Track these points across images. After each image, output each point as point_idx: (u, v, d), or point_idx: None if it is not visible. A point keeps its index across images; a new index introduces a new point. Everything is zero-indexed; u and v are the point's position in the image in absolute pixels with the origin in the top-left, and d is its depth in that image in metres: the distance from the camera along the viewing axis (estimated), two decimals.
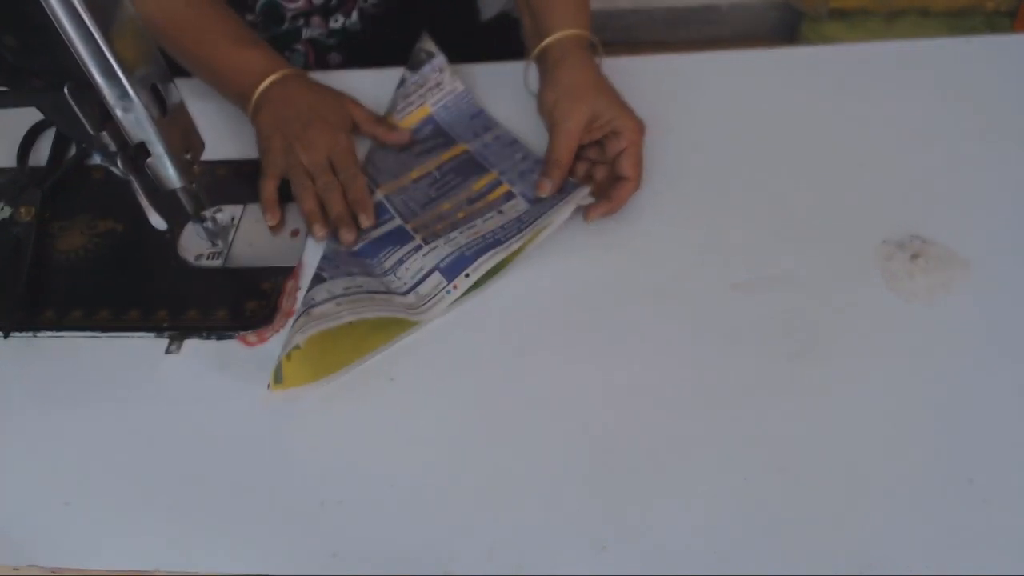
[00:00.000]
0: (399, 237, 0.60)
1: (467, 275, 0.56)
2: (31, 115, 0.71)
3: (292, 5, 0.76)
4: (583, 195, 0.59)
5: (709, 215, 0.59)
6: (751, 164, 0.62)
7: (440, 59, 0.69)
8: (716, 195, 0.61)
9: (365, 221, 0.60)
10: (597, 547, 0.45)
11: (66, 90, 0.46)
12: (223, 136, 0.69)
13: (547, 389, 0.52)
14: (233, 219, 0.63)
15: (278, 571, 0.47)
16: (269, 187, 0.63)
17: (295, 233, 0.62)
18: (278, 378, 0.52)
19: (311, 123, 0.63)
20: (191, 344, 0.57)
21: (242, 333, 0.57)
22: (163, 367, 0.56)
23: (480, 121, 0.68)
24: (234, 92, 0.67)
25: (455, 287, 0.56)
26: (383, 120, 0.68)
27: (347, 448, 0.51)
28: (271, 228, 0.63)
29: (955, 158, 0.61)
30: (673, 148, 0.64)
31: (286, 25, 0.78)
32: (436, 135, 0.68)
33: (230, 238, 0.62)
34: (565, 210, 0.58)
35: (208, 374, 0.55)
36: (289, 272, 0.60)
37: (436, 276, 0.57)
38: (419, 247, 0.59)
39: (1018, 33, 1.47)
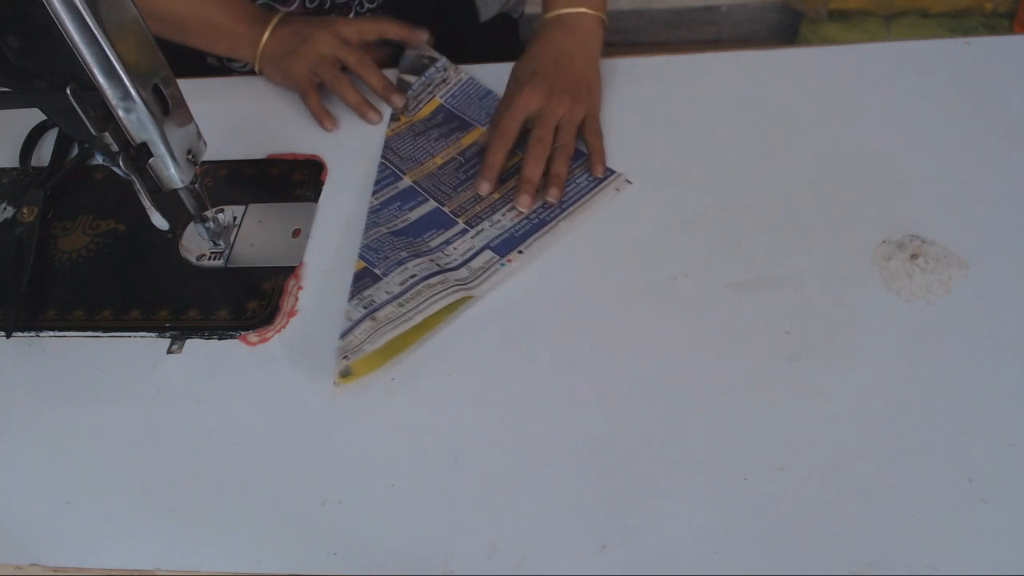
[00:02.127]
0: (440, 219, 0.61)
1: (520, 251, 0.58)
2: (34, 116, 0.72)
3: (287, 10, 0.76)
4: (619, 180, 0.62)
5: (709, 215, 0.60)
6: (750, 164, 0.62)
7: (443, 61, 0.71)
8: (715, 195, 0.61)
9: (398, 101, 0.68)
10: (597, 546, 0.46)
11: (68, 91, 0.46)
12: (225, 136, 0.69)
13: (547, 389, 0.52)
14: (235, 219, 0.63)
15: (278, 571, 0.47)
16: (313, 99, 0.68)
17: (296, 233, 0.62)
18: (345, 374, 0.53)
19: (319, 26, 0.69)
20: (192, 344, 0.57)
21: (243, 333, 0.57)
22: (164, 367, 0.56)
23: (490, 101, 0.70)
24: (228, 36, 0.70)
25: (509, 261, 0.58)
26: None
27: (347, 448, 0.51)
28: (328, 129, 0.68)
29: (954, 158, 0.61)
30: (673, 148, 0.64)
31: None
32: (449, 120, 0.69)
33: (231, 238, 0.62)
34: (604, 196, 0.61)
35: (209, 374, 0.55)
36: (290, 272, 0.60)
37: (487, 253, 0.59)
38: (465, 230, 0.60)
39: (1017, 34, 1.47)
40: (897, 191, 0.59)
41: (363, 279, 0.56)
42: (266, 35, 0.69)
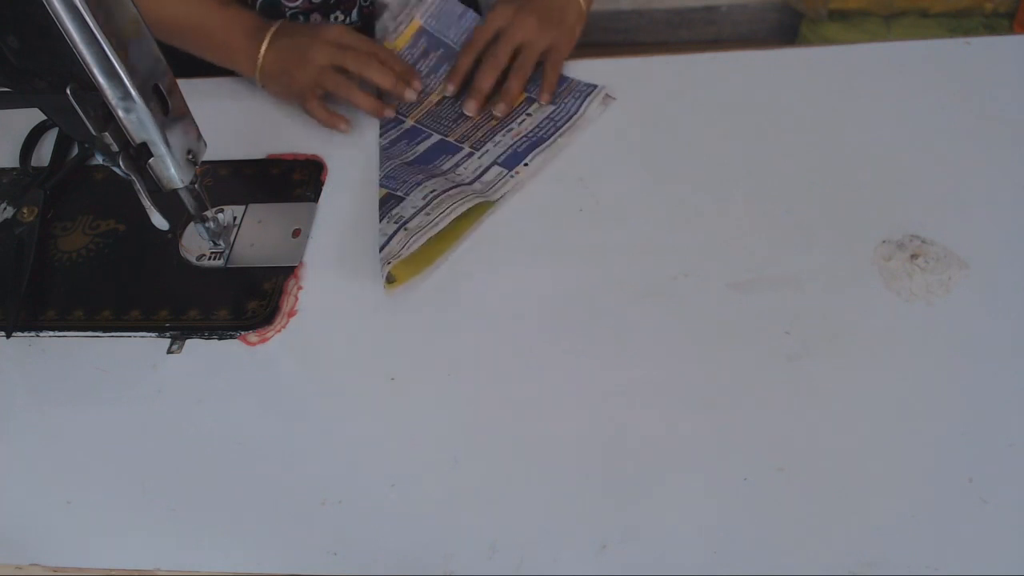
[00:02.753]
0: (446, 147, 0.66)
1: (526, 164, 0.63)
2: (34, 116, 0.72)
3: (292, 4, 0.76)
4: (602, 92, 0.67)
5: (709, 215, 0.60)
6: (751, 164, 0.62)
7: None
8: (715, 195, 0.61)
9: (417, 84, 0.69)
10: (597, 546, 0.46)
11: (69, 91, 0.46)
12: (225, 136, 0.69)
13: (546, 389, 0.52)
14: (235, 219, 0.63)
15: (278, 571, 0.47)
16: (318, 108, 0.67)
17: (296, 233, 0.62)
18: (390, 279, 0.57)
19: (314, 37, 0.68)
20: (192, 344, 0.57)
21: (243, 333, 0.57)
22: (164, 367, 0.56)
23: (468, 22, 0.73)
24: (224, 48, 0.70)
25: (517, 173, 0.63)
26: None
27: (347, 448, 0.51)
28: (344, 131, 0.67)
29: (955, 158, 0.61)
30: (673, 148, 0.64)
31: None
32: (433, 46, 0.72)
33: (231, 238, 0.62)
34: (591, 110, 0.66)
35: (209, 374, 0.55)
36: (290, 272, 0.60)
37: (495, 168, 0.64)
38: (471, 153, 0.65)
39: (1017, 34, 1.47)
40: (897, 191, 0.59)
41: (388, 202, 0.61)
42: (263, 49, 0.68)
